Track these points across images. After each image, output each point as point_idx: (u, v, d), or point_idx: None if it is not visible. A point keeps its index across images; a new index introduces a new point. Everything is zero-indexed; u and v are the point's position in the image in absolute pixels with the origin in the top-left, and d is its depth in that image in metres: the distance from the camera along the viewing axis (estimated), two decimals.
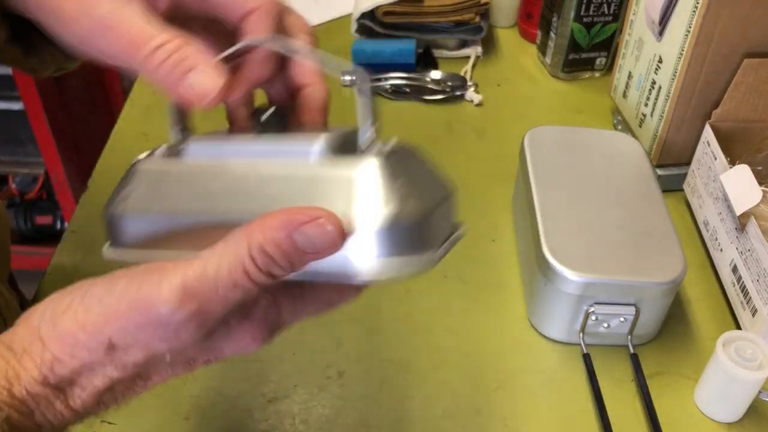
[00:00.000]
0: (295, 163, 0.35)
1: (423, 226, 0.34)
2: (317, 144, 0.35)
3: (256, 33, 0.40)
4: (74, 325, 0.32)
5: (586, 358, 0.60)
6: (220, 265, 0.31)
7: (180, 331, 0.32)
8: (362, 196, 0.33)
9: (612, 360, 0.61)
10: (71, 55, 0.43)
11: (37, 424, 0.33)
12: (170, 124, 0.41)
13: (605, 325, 0.60)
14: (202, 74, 0.36)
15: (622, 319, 0.59)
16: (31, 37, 0.45)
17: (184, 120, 0.42)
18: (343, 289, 0.37)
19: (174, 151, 0.40)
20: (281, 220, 0.31)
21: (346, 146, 0.36)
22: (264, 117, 0.41)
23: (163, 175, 0.39)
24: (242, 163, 0.37)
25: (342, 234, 0.31)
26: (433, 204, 0.36)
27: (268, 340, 0.37)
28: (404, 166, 0.35)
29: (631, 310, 0.59)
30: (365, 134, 0.35)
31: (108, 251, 0.39)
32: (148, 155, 0.41)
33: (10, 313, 0.61)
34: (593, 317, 0.59)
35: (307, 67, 0.41)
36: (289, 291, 0.37)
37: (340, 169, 0.34)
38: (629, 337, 0.61)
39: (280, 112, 0.41)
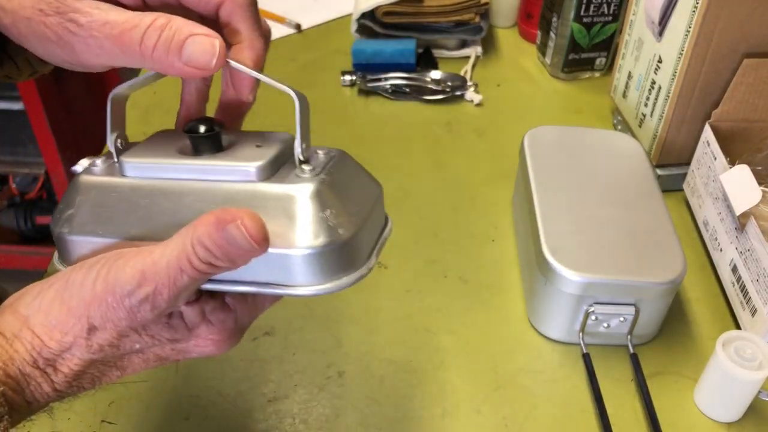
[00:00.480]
0: (235, 186, 0.38)
1: (354, 248, 0.38)
2: (256, 165, 0.38)
3: (235, 24, 0.40)
4: (63, 312, 0.36)
5: (586, 358, 0.60)
6: (171, 254, 0.34)
7: (137, 311, 0.35)
8: (299, 222, 0.36)
9: (612, 360, 0.61)
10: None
11: (27, 402, 0.36)
12: (108, 132, 0.42)
13: (605, 325, 0.60)
14: (198, 43, 0.36)
15: (621, 318, 0.59)
16: (4, 47, 0.46)
17: (121, 126, 0.43)
18: None
19: (113, 166, 0.41)
20: (214, 217, 0.34)
21: (283, 158, 0.39)
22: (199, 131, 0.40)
23: (106, 196, 0.40)
24: (182, 186, 0.38)
25: (262, 237, 0.34)
26: (365, 216, 0.39)
27: (233, 343, 0.40)
28: (336, 179, 0.38)
29: (631, 309, 0.59)
30: (299, 149, 0.39)
31: (57, 263, 0.41)
32: (90, 165, 0.42)
33: None
34: (593, 317, 0.59)
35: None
36: (241, 296, 0.40)
37: (278, 192, 0.37)
38: (629, 336, 0.61)
39: (212, 124, 0.40)
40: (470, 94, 0.91)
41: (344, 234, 0.37)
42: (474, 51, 0.98)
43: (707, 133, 0.70)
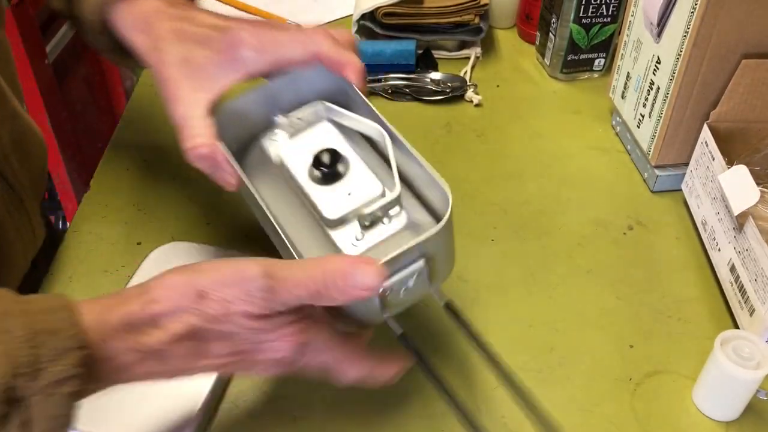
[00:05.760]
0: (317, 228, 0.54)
1: None
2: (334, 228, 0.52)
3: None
4: (177, 277, 0.42)
5: (402, 339, 0.53)
6: (293, 274, 0.42)
7: (254, 296, 0.41)
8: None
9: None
10: None
11: (109, 358, 0.40)
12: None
13: (404, 290, 0.51)
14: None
15: (417, 275, 0.51)
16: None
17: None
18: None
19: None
20: (345, 259, 0.44)
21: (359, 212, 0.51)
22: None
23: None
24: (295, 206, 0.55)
25: (381, 278, 0.44)
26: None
27: (297, 359, 0.45)
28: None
29: (420, 263, 0.51)
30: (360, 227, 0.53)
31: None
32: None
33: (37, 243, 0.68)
34: (388, 292, 0.50)
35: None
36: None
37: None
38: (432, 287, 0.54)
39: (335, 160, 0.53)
40: (470, 94, 0.92)
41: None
42: (473, 52, 0.98)
43: (705, 134, 0.71)
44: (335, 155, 0.54)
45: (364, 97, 0.55)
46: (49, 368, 0.36)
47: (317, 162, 0.53)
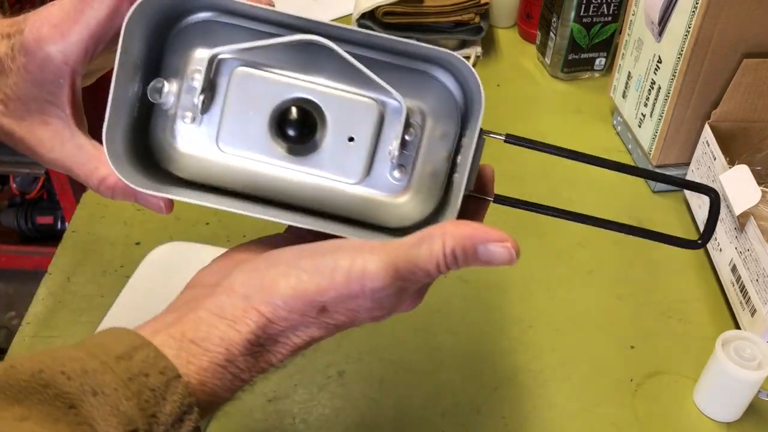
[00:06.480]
0: (333, 185, 0.42)
1: None
2: (354, 180, 0.42)
3: None
4: (290, 293, 0.37)
5: None
6: (419, 255, 0.37)
7: (383, 302, 0.38)
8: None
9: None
10: None
11: (230, 390, 0.37)
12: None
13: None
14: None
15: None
16: None
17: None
18: None
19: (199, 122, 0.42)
20: (473, 231, 0.38)
21: (375, 151, 0.43)
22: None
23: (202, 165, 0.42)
24: (278, 181, 0.42)
25: (516, 257, 0.39)
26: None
27: (420, 302, 0.43)
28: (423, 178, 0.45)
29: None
30: (396, 152, 0.42)
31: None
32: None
33: None
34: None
35: None
36: None
37: (380, 200, 0.43)
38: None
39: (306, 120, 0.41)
40: None
41: None
42: (474, 51, 0.98)
43: (707, 133, 0.70)
44: (304, 113, 0.40)
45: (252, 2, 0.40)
46: (160, 411, 0.33)
47: (284, 134, 0.40)
